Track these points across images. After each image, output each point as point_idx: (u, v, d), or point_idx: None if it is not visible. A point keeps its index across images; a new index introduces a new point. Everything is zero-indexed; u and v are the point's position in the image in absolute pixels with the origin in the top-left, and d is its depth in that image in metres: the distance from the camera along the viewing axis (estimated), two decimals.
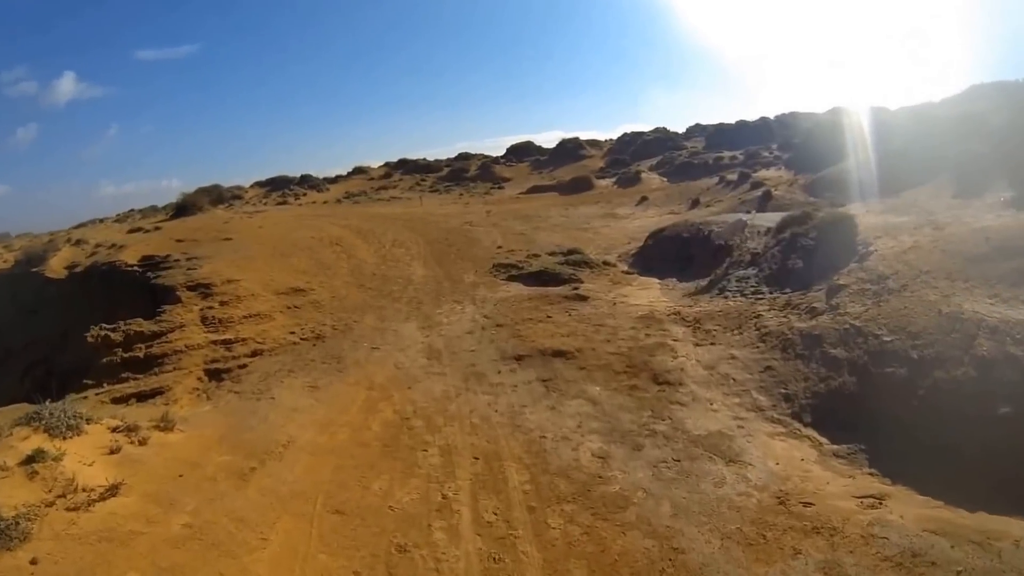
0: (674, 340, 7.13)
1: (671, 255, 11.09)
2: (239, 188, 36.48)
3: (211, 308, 8.18)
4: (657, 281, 10.42)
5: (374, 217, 20.08)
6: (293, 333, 8.26)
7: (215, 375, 7.11)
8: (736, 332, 7.01)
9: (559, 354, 7.01)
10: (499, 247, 13.99)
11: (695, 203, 20.94)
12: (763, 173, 22.30)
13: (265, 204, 34.17)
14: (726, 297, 8.28)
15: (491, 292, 10.14)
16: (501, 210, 23.48)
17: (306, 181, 38.47)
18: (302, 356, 7.56)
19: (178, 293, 8.54)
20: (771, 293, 7.81)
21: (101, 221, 30.48)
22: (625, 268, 11.51)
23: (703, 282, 9.36)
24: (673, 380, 6.20)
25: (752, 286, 8.22)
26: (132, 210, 32.60)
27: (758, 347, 6.53)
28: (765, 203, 15.36)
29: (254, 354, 7.54)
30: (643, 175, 31.23)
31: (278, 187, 37.38)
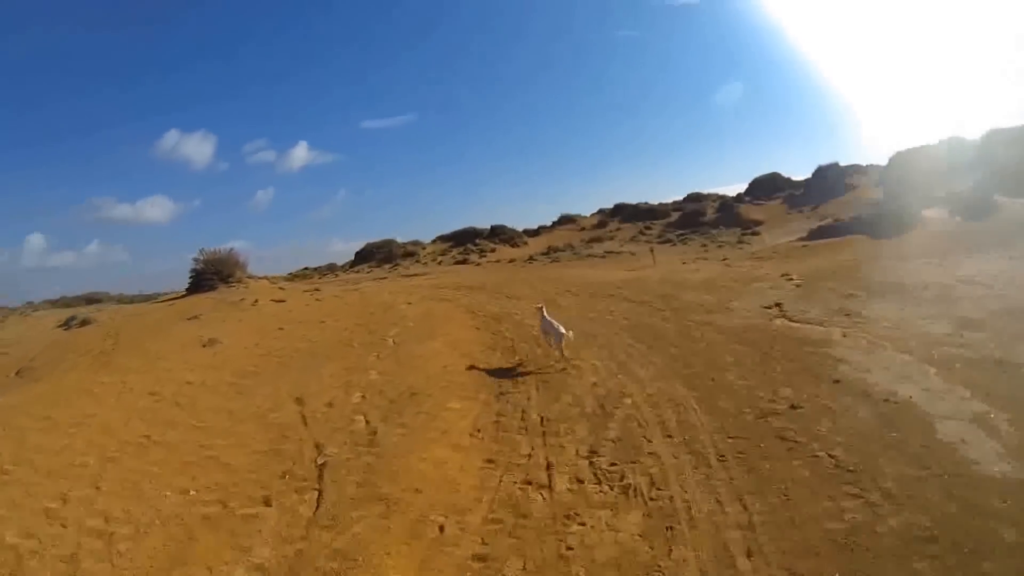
0: None
1: None
2: (416, 244, 31.64)
3: None
4: None
5: (570, 287, 10.79)
6: None
7: None
8: None
9: None
10: None
11: None
12: None
13: (440, 262, 28.34)
14: None
15: None
16: (814, 270, 11.78)
17: (497, 234, 30.91)
18: None
19: None
20: None
21: (267, 276, 29.32)
22: None
23: None
24: None
25: None
26: (306, 268, 31.08)
27: None
28: None
29: None
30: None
31: (462, 241, 31.22)
